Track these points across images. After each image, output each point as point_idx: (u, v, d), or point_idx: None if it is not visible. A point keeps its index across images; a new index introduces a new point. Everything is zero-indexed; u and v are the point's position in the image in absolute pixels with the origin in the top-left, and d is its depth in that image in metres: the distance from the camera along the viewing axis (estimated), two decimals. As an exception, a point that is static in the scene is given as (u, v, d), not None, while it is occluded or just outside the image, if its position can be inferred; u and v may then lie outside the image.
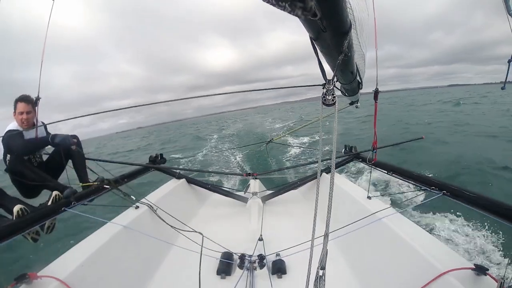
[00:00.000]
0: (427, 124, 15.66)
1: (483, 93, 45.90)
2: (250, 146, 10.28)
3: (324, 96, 0.87)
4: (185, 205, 3.21)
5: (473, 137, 10.85)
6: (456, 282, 1.34)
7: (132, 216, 2.26)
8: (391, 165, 2.76)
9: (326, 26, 0.77)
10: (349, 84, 1.99)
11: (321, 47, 0.97)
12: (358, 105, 3.52)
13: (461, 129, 12.81)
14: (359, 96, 3.03)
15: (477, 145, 9.23)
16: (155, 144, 27.15)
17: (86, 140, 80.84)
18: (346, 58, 1.17)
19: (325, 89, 0.88)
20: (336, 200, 2.99)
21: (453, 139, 10.61)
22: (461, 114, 19.47)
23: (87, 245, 1.83)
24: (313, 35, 0.88)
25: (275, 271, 1.99)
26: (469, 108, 23.14)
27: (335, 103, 0.86)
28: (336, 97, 0.88)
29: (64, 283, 1.46)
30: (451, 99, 35.99)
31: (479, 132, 11.70)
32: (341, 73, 1.55)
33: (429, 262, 1.50)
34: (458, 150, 8.64)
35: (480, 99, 33.66)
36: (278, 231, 2.63)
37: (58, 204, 2.09)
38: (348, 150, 3.71)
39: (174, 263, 2.21)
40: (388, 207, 2.18)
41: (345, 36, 0.89)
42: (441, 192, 2.06)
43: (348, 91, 2.36)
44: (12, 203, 1.99)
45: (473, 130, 12.30)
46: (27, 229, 1.83)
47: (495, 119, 14.66)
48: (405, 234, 1.80)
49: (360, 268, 2.02)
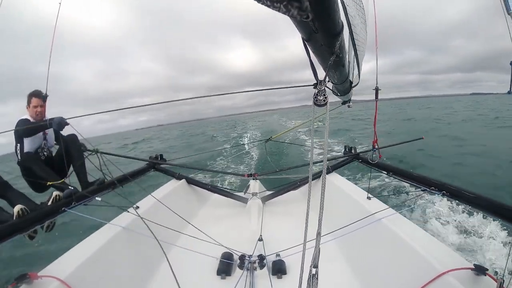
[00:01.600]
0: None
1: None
2: (250, 145, 10.25)
3: (315, 96, 0.88)
4: (185, 205, 3.21)
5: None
6: (455, 282, 1.34)
7: (132, 217, 2.27)
8: (391, 166, 2.77)
9: (318, 28, 0.77)
10: (341, 85, 2.02)
11: (313, 48, 0.97)
12: (350, 104, 3.57)
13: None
14: (351, 96, 3.07)
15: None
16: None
17: (109, 135, 77.97)
18: (338, 59, 1.18)
19: (317, 89, 0.89)
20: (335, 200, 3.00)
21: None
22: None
23: (87, 245, 1.84)
24: (305, 36, 0.89)
25: (275, 272, 2.00)
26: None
27: (326, 104, 0.88)
28: (327, 97, 0.89)
29: (65, 283, 1.46)
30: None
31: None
32: (333, 73, 1.58)
33: (429, 262, 1.51)
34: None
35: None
36: (278, 232, 2.64)
37: (58, 204, 2.10)
38: (348, 151, 3.72)
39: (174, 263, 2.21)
40: (387, 208, 2.19)
41: (336, 37, 0.90)
42: (440, 192, 2.07)
43: (340, 91, 2.40)
44: (16, 199, 2.04)
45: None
46: (27, 230, 1.84)
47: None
48: (405, 234, 1.80)
49: (360, 268, 2.02)
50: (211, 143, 19.22)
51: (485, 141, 10.73)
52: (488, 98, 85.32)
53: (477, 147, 9.94)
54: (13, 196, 2.11)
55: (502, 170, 6.73)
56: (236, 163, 10.56)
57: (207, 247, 2.15)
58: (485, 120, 19.51)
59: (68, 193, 2.21)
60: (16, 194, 2.17)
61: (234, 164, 10.42)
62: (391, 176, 2.70)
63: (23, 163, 2.44)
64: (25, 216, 1.90)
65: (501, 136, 12.09)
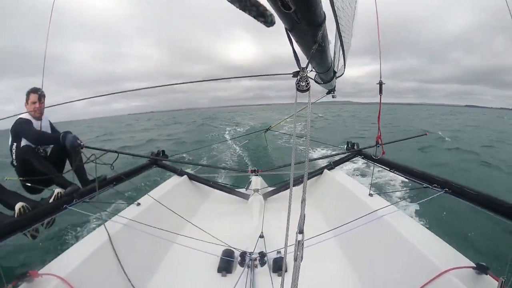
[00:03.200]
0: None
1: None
2: (248, 138, 10.23)
3: (298, 82, 0.92)
4: (186, 202, 3.22)
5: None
6: (457, 281, 1.33)
7: (133, 213, 2.27)
8: (393, 162, 2.74)
9: (300, 18, 0.82)
10: (324, 73, 2.09)
11: (296, 37, 1.02)
12: (334, 94, 3.57)
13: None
14: (335, 84, 3.13)
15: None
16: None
17: (101, 118, 78.05)
18: (320, 48, 1.23)
19: (299, 76, 0.92)
20: (337, 197, 2.98)
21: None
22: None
23: (88, 243, 1.84)
24: (288, 27, 0.93)
25: (276, 269, 1.99)
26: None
27: (309, 89, 0.92)
28: (309, 83, 0.93)
29: (66, 281, 1.47)
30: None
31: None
32: (316, 62, 1.63)
33: (430, 260, 1.50)
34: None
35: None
36: (279, 228, 2.63)
37: (60, 201, 2.10)
38: (350, 147, 3.69)
39: (175, 260, 2.22)
40: (389, 205, 2.17)
41: (319, 27, 0.94)
42: (443, 190, 2.05)
43: (324, 80, 2.48)
44: (13, 198, 2.01)
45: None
46: (28, 227, 1.84)
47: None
48: (406, 232, 1.79)
49: (361, 265, 2.01)
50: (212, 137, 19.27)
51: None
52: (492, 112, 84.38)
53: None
54: (10, 197, 2.06)
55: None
56: (236, 157, 10.58)
57: (208, 245, 2.16)
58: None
59: (71, 190, 2.21)
60: (13, 194, 2.13)
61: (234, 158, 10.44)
62: (393, 173, 2.68)
63: (22, 156, 2.38)
64: (26, 214, 1.90)
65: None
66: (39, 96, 2.52)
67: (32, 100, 2.51)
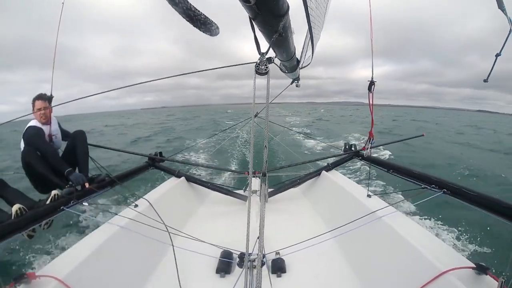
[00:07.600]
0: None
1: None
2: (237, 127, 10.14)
3: (257, 65, 0.98)
4: (184, 203, 3.21)
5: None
6: (456, 281, 1.33)
7: (131, 215, 2.25)
8: (391, 163, 2.75)
9: (261, 10, 0.89)
10: (288, 61, 2.16)
11: (259, 26, 1.09)
12: (298, 83, 3.62)
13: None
14: (299, 73, 3.19)
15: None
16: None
17: (114, 112, 78.03)
18: (281, 38, 1.30)
19: (259, 60, 1.00)
20: (335, 198, 2.98)
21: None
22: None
23: (86, 244, 1.82)
24: (251, 16, 1.00)
25: (274, 270, 1.99)
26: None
27: (267, 72, 0.98)
28: (268, 67, 0.99)
29: (63, 283, 1.45)
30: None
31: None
32: (278, 50, 1.68)
33: (430, 261, 1.50)
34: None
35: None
36: (278, 230, 2.63)
37: (57, 203, 2.08)
38: (348, 148, 3.70)
39: (173, 261, 2.21)
40: (388, 206, 2.18)
41: (280, 18, 1.01)
42: (441, 191, 2.06)
43: (288, 68, 2.54)
44: (13, 196, 2.03)
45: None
46: (25, 229, 1.82)
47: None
48: (405, 233, 1.79)
49: (360, 267, 2.01)
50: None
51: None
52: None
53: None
54: (10, 194, 2.08)
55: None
56: (230, 157, 10.53)
57: (206, 246, 2.15)
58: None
59: (68, 191, 2.20)
60: (13, 192, 2.15)
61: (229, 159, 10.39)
62: (391, 174, 2.69)
63: (25, 159, 2.35)
64: (24, 215, 1.89)
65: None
66: (45, 101, 2.55)
67: (38, 106, 2.55)
